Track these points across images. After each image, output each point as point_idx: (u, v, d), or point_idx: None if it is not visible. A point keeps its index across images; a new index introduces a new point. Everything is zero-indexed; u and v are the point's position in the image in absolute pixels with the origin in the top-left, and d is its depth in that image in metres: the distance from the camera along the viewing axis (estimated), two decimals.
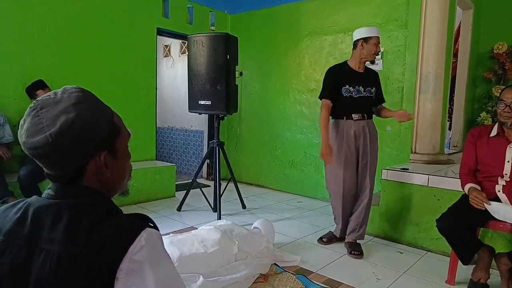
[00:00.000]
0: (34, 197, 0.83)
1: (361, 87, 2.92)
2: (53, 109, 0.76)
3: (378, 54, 2.97)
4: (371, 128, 3.00)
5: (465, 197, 2.35)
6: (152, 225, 0.80)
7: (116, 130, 0.85)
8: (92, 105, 0.80)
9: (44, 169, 0.81)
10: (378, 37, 2.92)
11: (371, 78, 3.01)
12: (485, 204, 2.19)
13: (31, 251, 0.74)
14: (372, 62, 2.96)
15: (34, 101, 0.79)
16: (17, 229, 0.77)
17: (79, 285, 0.70)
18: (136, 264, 0.71)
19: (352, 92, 2.92)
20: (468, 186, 2.34)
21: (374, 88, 2.98)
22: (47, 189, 0.82)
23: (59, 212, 0.76)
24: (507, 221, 2.17)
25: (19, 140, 0.79)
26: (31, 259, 0.74)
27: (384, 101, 3.11)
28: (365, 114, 2.96)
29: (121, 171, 0.88)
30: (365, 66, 2.99)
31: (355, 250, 2.86)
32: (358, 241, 2.96)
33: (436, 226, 2.28)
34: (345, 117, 2.92)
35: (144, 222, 0.79)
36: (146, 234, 0.74)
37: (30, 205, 0.80)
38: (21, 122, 0.79)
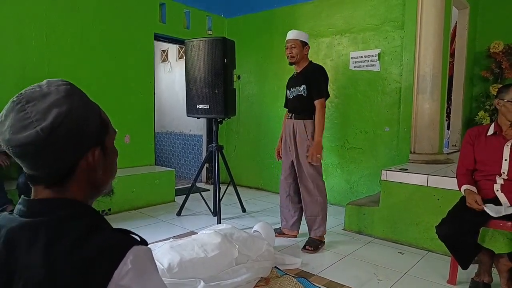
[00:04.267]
0: (5, 215, 0.75)
1: (293, 88, 3.11)
2: (41, 102, 0.70)
3: (290, 57, 3.06)
4: (298, 129, 3.04)
5: (463, 199, 2.34)
6: (138, 240, 0.73)
7: (105, 125, 0.80)
8: (81, 98, 0.75)
9: (26, 170, 0.74)
10: (287, 40, 3.07)
11: (302, 76, 3.07)
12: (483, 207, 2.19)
13: (11, 278, 0.68)
14: (290, 64, 3.12)
15: (17, 95, 0.72)
16: None
17: None
18: None
19: (289, 94, 3.19)
20: (464, 187, 2.34)
21: (303, 86, 3.01)
22: (18, 204, 0.74)
23: (34, 232, 0.69)
24: (499, 215, 2.15)
25: (0, 137, 0.71)
26: (10, 284, 0.68)
27: (315, 98, 2.96)
28: (293, 114, 3.09)
29: (110, 168, 0.83)
30: (307, 65, 3.09)
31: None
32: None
33: (436, 232, 2.27)
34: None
35: (130, 239, 0.71)
36: (132, 255, 0.68)
37: (1, 226, 0.72)
38: (1, 119, 0.72)
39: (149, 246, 0.75)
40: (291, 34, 3.07)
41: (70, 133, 0.71)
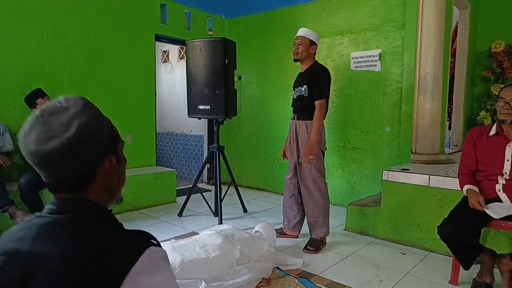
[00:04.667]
0: (36, 214, 0.82)
1: (296, 88, 3.11)
2: (63, 115, 0.77)
3: (295, 53, 3.05)
4: (300, 129, 3.05)
5: (465, 200, 2.34)
6: (155, 242, 0.79)
7: (116, 135, 0.88)
8: (95, 110, 0.83)
9: (47, 179, 0.80)
10: (296, 37, 3.06)
11: (305, 76, 3.05)
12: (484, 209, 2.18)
13: (31, 270, 0.72)
14: (295, 60, 3.09)
15: (39, 110, 0.79)
16: (18, 247, 0.75)
17: None
18: (138, 284, 0.71)
19: (293, 94, 3.16)
20: (466, 187, 2.34)
21: (305, 86, 3.01)
22: (49, 203, 0.82)
23: (59, 229, 0.76)
24: (502, 215, 2.15)
25: (24, 150, 0.78)
26: (29, 278, 0.72)
27: (316, 99, 2.94)
28: (296, 115, 3.10)
29: (122, 175, 0.90)
30: (311, 65, 3.07)
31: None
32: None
33: (438, 233, 2.26)
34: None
35: (148, 240, 0.78)
36: (149, 253, 0.74)
37: (32, 223, 0.79)
38: (24, 132, 0.78)
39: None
40: (301, 31, 3.07)
41: (89, 141, 0.79)
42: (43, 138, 0.75)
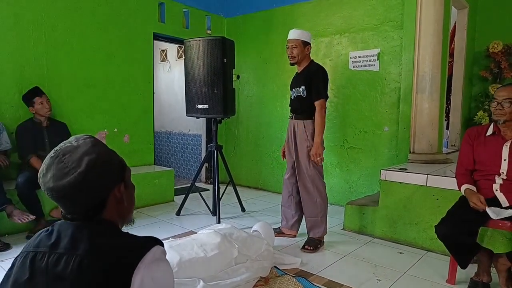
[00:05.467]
0: (60, 221, 0.96)
1: (294, 89, 3.11)
2: (74, 153, 0.90)
3: (291, 58, 3.04)
4: (298, 129, 3.05)
5: (463, 199, 2.35)
6: (162, 244, 0.94)
7: (123, 165, 0.99)
8: (104, 146, 0.95)
9: (66, 211, 0.92)
10: (289, 40, 3.04)
11: (302, 77, 3.06)
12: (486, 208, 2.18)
13: (51, 255, 0.87)
14: (291, 64, 3.09)
15: (53, 151, 0.92)
16: (45, 241, 0.91)
17: (100, 283, 0.83)
18: (149, 270, 0.86)
19: (291, 95, 3.16)
20: (464, 187, 2.34)
21: (303, 87, 3.01)
22: None
23: (80, 226, 0.90)
24: (500, 217, 2.15)
25: (43, 187, 0.90)
26: (48, 263, 0.86)
27: (315, 99, 2.94)
28: (294, 115, 3.10)
29: (131, 199, 1.02)
30: (308, 65, 3.07)
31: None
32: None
33: (435, 232, 2.27)
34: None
35: (153, 242, 0.92)
36: (154, 250, 0.89)
37: (56, 225, 0.94)
38: (42, 172, 0.90)
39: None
40: (292, 34, 3.02)
41: (99, 174, 0.90)
42: (59, 175, 0.87)
